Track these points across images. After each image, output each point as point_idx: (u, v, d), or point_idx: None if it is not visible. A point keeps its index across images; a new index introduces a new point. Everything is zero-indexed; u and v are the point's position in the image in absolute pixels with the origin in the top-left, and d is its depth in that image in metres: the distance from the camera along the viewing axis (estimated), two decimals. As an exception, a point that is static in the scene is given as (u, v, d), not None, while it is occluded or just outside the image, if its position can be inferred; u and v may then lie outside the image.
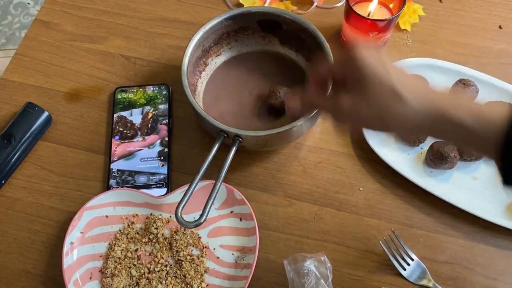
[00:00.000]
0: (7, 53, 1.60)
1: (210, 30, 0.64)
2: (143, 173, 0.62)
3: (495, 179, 0.62)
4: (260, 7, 0.70)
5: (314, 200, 0.62)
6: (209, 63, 0.68)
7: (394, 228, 0.58)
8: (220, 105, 0.66)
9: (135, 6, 0.78)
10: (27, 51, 0.73)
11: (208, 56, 0.68)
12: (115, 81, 0.71)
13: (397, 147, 0.64)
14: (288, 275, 0.54)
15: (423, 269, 0.56)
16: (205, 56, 0.67)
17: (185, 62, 0.61)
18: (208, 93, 0.67)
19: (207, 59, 0.68)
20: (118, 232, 0.58)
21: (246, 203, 0.58)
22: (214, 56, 0.68)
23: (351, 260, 0.58)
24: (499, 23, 0.75)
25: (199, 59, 0.66)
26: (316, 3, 0.77)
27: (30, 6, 1.70)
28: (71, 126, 0.67)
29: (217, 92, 0.67)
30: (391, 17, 0.65)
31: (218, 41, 0.67)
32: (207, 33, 0.64)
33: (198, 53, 0.64)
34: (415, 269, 0.56)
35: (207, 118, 0.57)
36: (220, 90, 0.67)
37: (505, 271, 0.57)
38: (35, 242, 0.59)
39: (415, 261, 0.57)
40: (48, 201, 0.62)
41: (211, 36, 0.65)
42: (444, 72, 0.69)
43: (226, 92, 0.67)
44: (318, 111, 0.55)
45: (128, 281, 0.56)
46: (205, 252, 0.57)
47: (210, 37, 0.65)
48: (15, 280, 0.57)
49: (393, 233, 0.58)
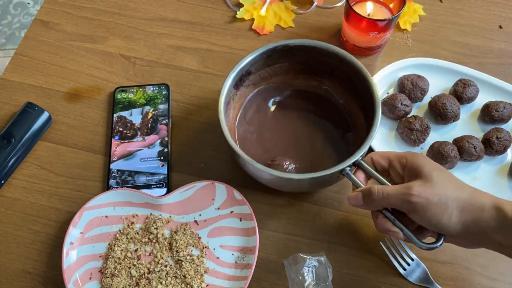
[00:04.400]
0: (6, 53, 1.60)
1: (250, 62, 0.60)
2: (143, 173, 0.62)
3: (495, 179, 0.62)
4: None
5: (314, 200, 0.61)
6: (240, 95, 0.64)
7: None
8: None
9: (135, 6, 0.78)
10: (26, 51, 0.73)
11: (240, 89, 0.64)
12: (115, 81, 0.71)
13: (397, 147, 0.64)
14: (288, 275, 0.54)
15: (423, 269, 0.56)
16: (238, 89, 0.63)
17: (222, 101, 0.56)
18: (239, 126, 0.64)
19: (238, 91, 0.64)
20: (118, 232, 0.58)
21: (246, 203, 0.58)
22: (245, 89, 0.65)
23: (351, 260, 0.58)
24: (499, 23, 0.76)
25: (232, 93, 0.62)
26: (316, 3, 0.77)
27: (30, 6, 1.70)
28: (70, 126, 0.67)
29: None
30: (391, 17, 0.65)
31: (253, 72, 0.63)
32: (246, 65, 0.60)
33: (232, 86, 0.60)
34: (415, 269, 0.56)
35: (255, 165, 0.53)
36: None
37: (505, 271, 0.57)
38: (35, 242, 0.59)
39: (415, 261, 0.56)
40: (47, 201, 0.62)
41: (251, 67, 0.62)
42: (444, 72, 0.69)
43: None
44: None
45: (128, 281, 0.55)
46: (205, 252, 0.57)
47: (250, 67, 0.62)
48: (15, 280, 0.57)
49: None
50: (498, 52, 0.73)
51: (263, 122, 0.65)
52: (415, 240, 0.48)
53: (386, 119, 0.66)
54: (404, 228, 0.48)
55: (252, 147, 0.63)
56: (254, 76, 0.64)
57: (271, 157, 0.61)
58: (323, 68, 0.64)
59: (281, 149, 0.62)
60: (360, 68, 0.58)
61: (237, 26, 0.76)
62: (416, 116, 0.63)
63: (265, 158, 0.61)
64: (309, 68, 0.64)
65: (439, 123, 0.65)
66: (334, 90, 0.65)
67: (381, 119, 0.66)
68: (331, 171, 0.52)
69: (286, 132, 0.64)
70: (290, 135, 0.64)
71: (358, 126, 0.62)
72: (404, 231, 0.48)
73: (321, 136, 0.63)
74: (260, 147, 0.63)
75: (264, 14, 0.76)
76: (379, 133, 0.65)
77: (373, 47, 0.71)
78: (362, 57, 0.72)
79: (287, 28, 0.75)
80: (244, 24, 0.76)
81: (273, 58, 0.62)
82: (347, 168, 0.52)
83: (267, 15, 0.76)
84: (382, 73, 0.68)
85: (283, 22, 0.76)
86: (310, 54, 0.62)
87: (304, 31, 0.75)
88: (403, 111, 0.64)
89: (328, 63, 0.62)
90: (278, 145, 0.63)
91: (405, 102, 0.64)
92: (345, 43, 0.73)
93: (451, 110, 0.63)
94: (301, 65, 0.64)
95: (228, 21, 0.76)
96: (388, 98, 0.65)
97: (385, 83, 0.68)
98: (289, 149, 0.63)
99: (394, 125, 0.66)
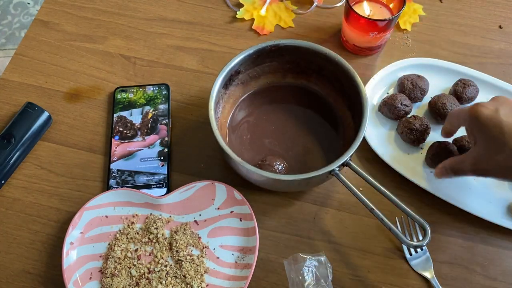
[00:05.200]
0: (6, 53, 1.60)
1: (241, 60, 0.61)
2: (143, 173, 0.62)
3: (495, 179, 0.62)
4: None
5: (314, 200, 0.61)
6: (231, 95, 0.65)
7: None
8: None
9: (135, 6, 0.78)
10: (26, 51, 0.73)
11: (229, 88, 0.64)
12: (115, 81, 0.71)
13: (397, 147, 0.64)
14: (288, 275, 0.54)
15: (428, 259, 0.57)
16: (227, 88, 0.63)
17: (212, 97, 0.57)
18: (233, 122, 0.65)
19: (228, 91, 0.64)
20: (118, 232, 0.58)
21: (246, 203, 0.58)
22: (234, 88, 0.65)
23: (351, 260, 0.58)
24: (499, 23, 0.76)
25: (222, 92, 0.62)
26: (316, 3, 0.77)
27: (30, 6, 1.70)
28: (71, 126, 0.67)
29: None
30: (391, 17, 0.65)
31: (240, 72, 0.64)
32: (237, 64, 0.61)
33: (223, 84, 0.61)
34: (421, 258, 0.57)
35: (243, 165, 0.53)
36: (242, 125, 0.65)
37: (505, 271, 0.57)
38: (35, 242, 0.59)
39: (424, 250, 0.57)
40: (47, 201, 0.62)
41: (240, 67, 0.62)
42: (444, 72, 0.69)
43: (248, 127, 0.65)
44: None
45: (128, 281, 0.55)
46: (205, 252, 0.57)
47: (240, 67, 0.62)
48: (15, 280, 0.57)
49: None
50: (498, 52, 0.73)
51: (254, 122, 0.65)
52: (402, 238, 0.50)
53: (386, 119, 0.66)
54: (392, 227, 0.51)
55: (244, 148, 0.63)
56: (243, 75, 0.64)
57: (262, 158, 0.61)
58: (311, 68, 0.64)
59: (272, 149, 0.63)
60: (349, 68, 0.59)
61: (237, 26, 0.76)
62: (416, 116, 0.63)
63: (257, 159, 0.61)
64: (298, 68, 0.65)
65: (439, 123, 0.65)
66: (322, 90, 0.66)
67: (381, 119, 0.66)
68: (320, 172, 0.53)
69: (277, 131, 0.64)
70: (281, 134, 0.64)
71: (346, 126, 0.63)
72: (392, 230, 0.51)
73: (311, 135, 0.64)
74: (251, 147, 0.63)
75: (264, 14, 0.76)
76: (379, 133, 0.65)
77: (373, 47, 0.71)
78: (362, 57, 0.72)
79: (287, 28, 0.75)
80: (244, 24, 0.76)
81: (262, 57, 0.63)
82: (336, 169, 0.53)
83: (267, 15, 0.76)
84: (382, 73, 0.68)
85: (283, 22, 0.76)
86: (299, 54, 0.63)
87: (304, 31, 0.75)
88: (403, 111, 0.64)
89: (317, 63, 0.63)
90: (268, 145, 0.63)
91: (405, 102, 0.64)
92: (345, 43, 0.73)
93: (451, 110, 0.63)
94: (290, 65, 0.65)
95: (228, 21, 0.76)
96: (388, 98, 0.65)
97: (385, 83, 0.68)
98: (280, 149, 0.63)
99: (394, 125, 0.66)
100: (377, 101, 0.67)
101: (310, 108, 0.66)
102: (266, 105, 0.66)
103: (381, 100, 0.66)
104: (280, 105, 0.66)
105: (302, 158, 0.62)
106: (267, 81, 0.67)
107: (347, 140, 0.59)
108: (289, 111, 0.66)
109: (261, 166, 0.58)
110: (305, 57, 0.63)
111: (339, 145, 0.62)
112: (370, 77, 0.68)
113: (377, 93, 0.68)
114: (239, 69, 0.62)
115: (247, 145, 0.63)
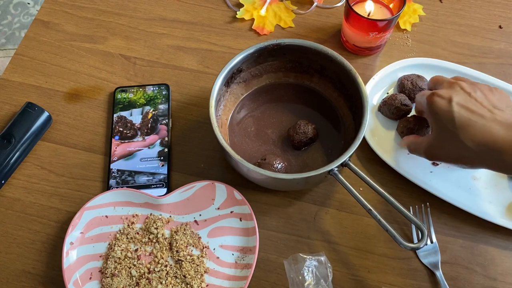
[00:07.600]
0: (7, 53, 1.60)
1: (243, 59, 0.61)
2: (143, 173, 0.62)
3: (495, 179, 0.62)
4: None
5: (314, 200, 0.62)
6: (231, 93, 0.65)
7: (394, 228, 0.58)
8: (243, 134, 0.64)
9: (135, 6, 0.78)
10: (27, 51, 0.73)
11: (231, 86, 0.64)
12: (115, 81, 0.71)
13: (397, 147, 0.64)
14: (288, 275, 0.54)
15: (437, 252, 0.57)
16: (229, 87, 0.63)
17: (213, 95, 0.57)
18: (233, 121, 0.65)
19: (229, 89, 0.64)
20: (118, 232, 0.58)
21: (246, 203, 0.58)
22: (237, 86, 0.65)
23: (351, 260, 0.58)
24: (499, 23, 0.76)
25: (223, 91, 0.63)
26: (316, 3, 0.77)
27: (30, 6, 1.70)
28: (71, 126, 0.67)
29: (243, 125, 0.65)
30: (391, 17, 0.65)
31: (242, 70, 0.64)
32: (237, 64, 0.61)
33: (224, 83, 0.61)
34: (429, 250, 0.58)
35: (242, 163, 0.53)
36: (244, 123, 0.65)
37: (505, 271, 0.57)
38: (35, 242, 0.59)
39: (434, 243, 0.58)
40: (48, 201, 0.62)
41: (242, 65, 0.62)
42: (444, 72, 0.68)
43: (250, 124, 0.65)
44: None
45: (128, 281, 0.55)
46: (205, 252, 0.57)
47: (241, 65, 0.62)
48: (15, 280, 0.57)
49: (426, 207, 0.60)
50: (498, 52, 0.73)
51: (255, 121, 0.65)
52: (399, 240, 0.50)
53: (386, 119, 0.66)
54: (389, 228, 0.51)
55: (245, 147, 0.63)
56: (244, 73, 0.64)
57: (262, 156, 0.61)
58: (314, 67, 0.65)
59: (272, 148, 0.63)
60: (350, 69, 0.59)
61: (237, 26, 0.76)
62: (416, 116, 0.63)
63: (258, 157, 0.62)
64: (300, 67, 0.66)
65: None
66: (324, 90, 0.66)
67: (381, 119, 0.66)
68: (318, 172, 0.53)
69: (277, 130, 0.65)
70: (281, 133, 0.64)
71: (347, 126, 0.63)
72: (388, 231, 0.51)
73: None
74: (252, 145, 0.63)
75: (264, 14, 0.76)
76: (378, 133, 0.65)
77: (373, 47, 0.71)
78: (362, 57, 0.72)
79: (287, 28, 0.75)
80: (244, 24, 0.76)
81: (263, 56, 0.63)
82: (334, 169, 0.53)
83: (267, 15, 0.76)
84: (382, 73, 0.68)
85: (283, 22, 0.76)
86: (301, 53, 0.63)
87: (304, 31, 0.75)
88: (403, 111, 0.64)
89: (319, 62, 0.63)
90: (268, 144, 0.64)
91: (405, 102, 0.64)
92: (345, 43, 0.73)
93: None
94: (292, 64, 0.65)
95: (228, 21, 0.76)
96: (388, 98, 0.65)
97: (385, 83, 0.68)
98: (280, 147, 0.63)
99: (394, 125, 0.66)
100: (377, 101, 0.67)
101: (312, 107, 0.66)
102: (268, 104, 0.67)
103: (381, 100, 0.66)
104: (282, 104, 0.66)
105: (303, 158, 0.62)
106: (269, 80, 0.67)
107: (348, 140, 0.59)
108: (291, 109, 0.66)
109: (261, 164, 0.59)
110: (308, 56, 0.63)
111: (341, 145, 0.62)
112: (370, 77, 0.68)
113: (377, 93, 0.68)
114: (241, 67, 0.62)
115: (247, 144, 0.63)
